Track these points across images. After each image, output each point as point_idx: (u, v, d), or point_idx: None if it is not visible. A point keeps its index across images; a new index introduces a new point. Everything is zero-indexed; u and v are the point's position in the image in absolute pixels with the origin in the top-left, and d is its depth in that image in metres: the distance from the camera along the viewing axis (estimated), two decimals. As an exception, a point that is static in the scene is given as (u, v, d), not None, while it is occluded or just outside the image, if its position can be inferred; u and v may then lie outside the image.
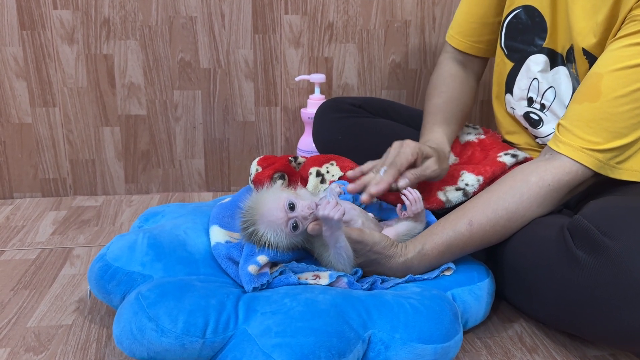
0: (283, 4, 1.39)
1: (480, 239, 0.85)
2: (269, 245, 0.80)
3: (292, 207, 0.79)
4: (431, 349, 0.73)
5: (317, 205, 0.79)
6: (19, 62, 1.34)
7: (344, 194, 0.93)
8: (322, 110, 1.26)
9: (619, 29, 0.85)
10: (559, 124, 0.88)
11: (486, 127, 1.20)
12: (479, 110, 1.56)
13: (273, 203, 0.80)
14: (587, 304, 0.73)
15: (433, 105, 1.12)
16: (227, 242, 0.86)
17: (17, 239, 1.18)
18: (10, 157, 1.40)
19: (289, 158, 1.11)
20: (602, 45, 0.89)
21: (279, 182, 0.93)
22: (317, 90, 1.38)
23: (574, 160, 0.84)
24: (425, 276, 0.86)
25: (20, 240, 1.17)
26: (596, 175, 0.85)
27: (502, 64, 1.10)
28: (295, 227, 0.79)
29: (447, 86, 1.14)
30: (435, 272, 0.87)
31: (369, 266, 0.86)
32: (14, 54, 1.33)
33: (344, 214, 0.77)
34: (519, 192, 0.84)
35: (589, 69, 0.91)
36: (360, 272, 0.85)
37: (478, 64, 1.18)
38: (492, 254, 0.93)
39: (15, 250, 1.12)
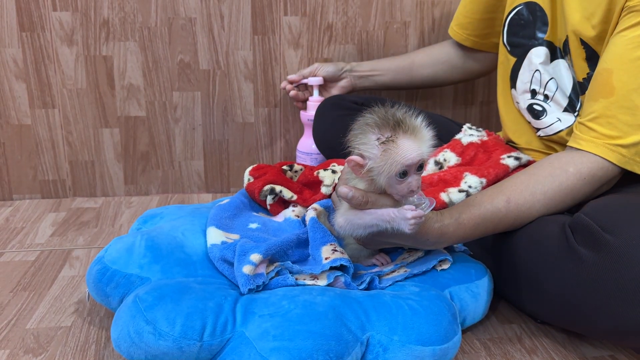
0: (282, 5, 1.39)
1: (513, 219, 0.85)
2: (360, 154, 0.74)
3: (421, 167, 0.74)
4: (429, 351, 0.73)
5: (420, 204, 0.76)
6: (18, 63, 1.34)
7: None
8: (323, 108, 1.26)
9: (617, 22, 0.86)
10: (577, 123, 0.89)
11: (486, 127, 1.20)
12: (479, 111, 1.56)
13: (416, 147, 0.72)
14: (589, 299, 0.74)
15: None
16: (222, 242, 0.86)
17: (16, 240, 1.18)
18: (9, 158, 1.40)
19: (283, 167, 1.10)
20: (600, 37, 0.90)
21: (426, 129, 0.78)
22: (316, 92, 1.38)
23: (600, 156, 0.84)
24: (424, 267, 0.86)
25: (20, 241, 1.17)
26: (621, 172, 0.86)
27: (505, 61, 1.12)
28: (403, 174, 0.73)
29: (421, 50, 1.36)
30: (433, 262, 0.86)
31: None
32: (13, 55, 1.33)
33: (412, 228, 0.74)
34: (558, 181, 0.85)
35: (585, 59, 0.93)
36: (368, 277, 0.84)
37: (471, 58, 1.29)
38: (492, 251, 0.93)
39: (14, 252, 1.12)
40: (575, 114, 1.00)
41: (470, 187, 0.98)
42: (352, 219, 0.77)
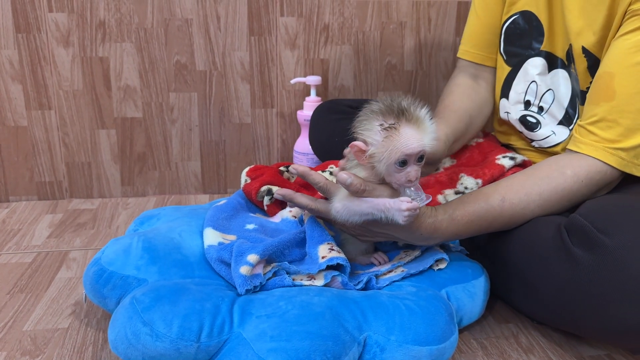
0: (279, 6, 1.39)
1: (508, 218, 0.85)
2: (363, 140, 0.74)
3: (421, 158, 0.75)
4: (426, 351, 0.73)
5: (417, 196, 0.76)
6: (14, 65, 1.33)
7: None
8: (318, 111, 1.26)
9: (620, 26, 0.86)
10: (576, 126, 0.89)
11: (485, 129, 1.20)
12: (475, 111, 1.56)
13: (418, 137, 0.73)
14: (585, 300, 0.74)
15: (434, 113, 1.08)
16: (219, 243, 0.86)
17: (13, 242, 1.17)
18: (6, 160, 1.39)
19: (280, 168, 1.10)
20: (601, 43, 0.90)
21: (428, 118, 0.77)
22: (313, 92, 1.38)
23: (599, 160, 0.84)
24: (420, 267, 0.86)
25: (17, 243, 1.17)
26: (620, 176, 0.86)
27: (500, 70, 1.11)
28: (402, 163, 0.73)
29: (450, 93, 1.13)
30: (429, 262, 0.87)
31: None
32: (9, 56, 1.33)
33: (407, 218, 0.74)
34: (555, 183, 0.85)
35: (587, 67, 0.93)
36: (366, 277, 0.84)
37: (492, 75, 1.15)
38: (488, 253, 0.93)
39: (11, 254, 1.12)
40: (570, 127, 1.00)
41: (466, 188, 0.98)
42: (349, 205, 0.78)
